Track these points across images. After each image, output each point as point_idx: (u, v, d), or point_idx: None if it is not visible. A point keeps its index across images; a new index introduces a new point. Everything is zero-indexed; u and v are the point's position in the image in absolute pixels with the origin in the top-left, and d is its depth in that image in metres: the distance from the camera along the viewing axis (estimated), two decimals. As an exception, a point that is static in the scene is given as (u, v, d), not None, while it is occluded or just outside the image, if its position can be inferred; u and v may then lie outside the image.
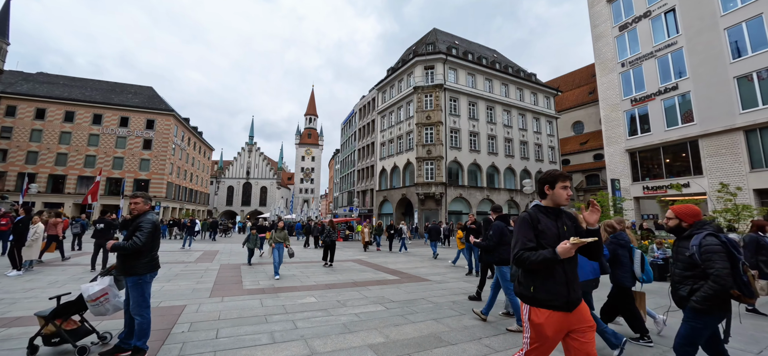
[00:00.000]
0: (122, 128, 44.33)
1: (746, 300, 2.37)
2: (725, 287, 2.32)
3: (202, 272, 8.51)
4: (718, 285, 2.33)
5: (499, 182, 32.87)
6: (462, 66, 32.76)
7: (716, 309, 2.41)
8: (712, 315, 2.43)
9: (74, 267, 8.79)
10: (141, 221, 3.33)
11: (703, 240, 2.45)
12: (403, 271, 9.45)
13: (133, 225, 3.32)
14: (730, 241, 2.42)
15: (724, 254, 2.36)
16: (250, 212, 69.70)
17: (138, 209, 3.42)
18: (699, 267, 2.44)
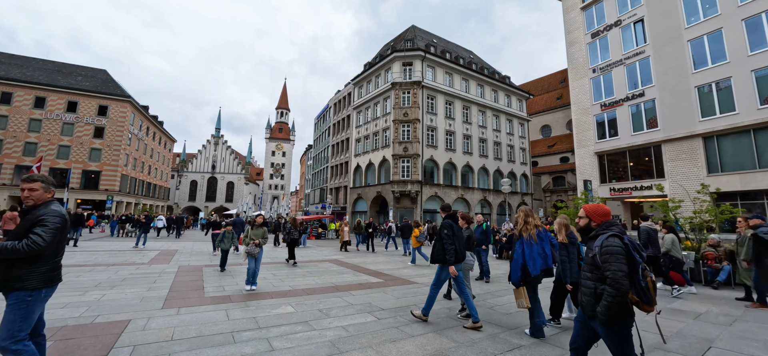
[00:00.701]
0: (70, 113, 40.10)
1: (644, 307, 2.22)
2: (620, 290, 2.18)
3: (155, 276, 7.35)
4: (613, 288, 2.20)
5: (473, 182, 33.13)
6: (440, 64, 32.63)
7: (622, 316, 2.27)
8: (621, 324, 2.29)
9: None
10: (42, 213, 2.39)
11: (606, 241, 2.34)
12: (386, 273, 8.80)
13: (30, 219, 2.37)
14: (633, 243, 2.30)
15: (623, 257, 2.24)
16: (215, 208, 66.09)
17: (35, 197, 2.46)
18: (600, 269, 2.33)
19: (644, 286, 2.20)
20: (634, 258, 2.25)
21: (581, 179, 24.13)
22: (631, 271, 2.24)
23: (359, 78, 36.92)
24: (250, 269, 6.17)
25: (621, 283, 2.18)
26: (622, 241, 2.31)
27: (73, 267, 7.96)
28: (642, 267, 2.23)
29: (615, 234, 2.35)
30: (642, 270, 2.22)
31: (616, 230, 2.39)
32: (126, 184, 43.21)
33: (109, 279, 6.75)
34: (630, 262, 2.25)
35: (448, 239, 4.37)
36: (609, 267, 2.24)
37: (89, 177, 39.94)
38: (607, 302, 2.22)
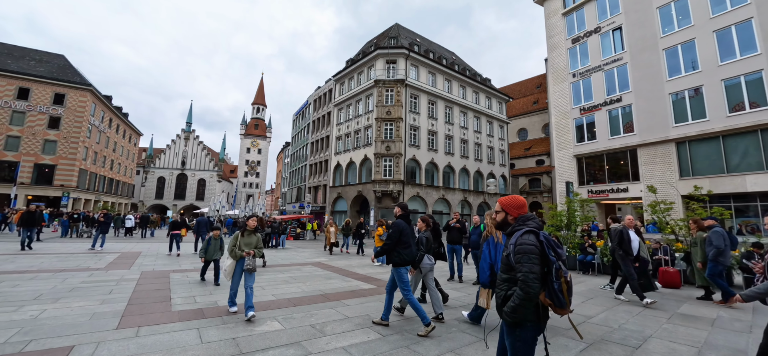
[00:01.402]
0: (20, 101, 36.52)
1: (557, 310, 2.06)
2: (530, 293, 1.99)
3: (112, 284, 6.33)
4: (522, 290, 2.00)
5: (454, 182, 33.12)
6: (423, 64, 32.36)
7: (528, 320, 2.07)
8: (525, 327, 2.09)
9: None
10: None
11: (519, 239, 2.13)
12: (376, 277, 8.18)
13: None
14: (549, 241, 2.11)
15: (536, 256, 2.04)
16: (184, 206, 62.77)
17: None
18: (514, 269, 2.11)
19: (557, 288, 2.01)
20: (549, 257, 2.05)
21: (561, 180, 24.54)
22: (545, 272, 2.06)
23: (341, 74, 36.01)
24: (233, 289, 4.75)
25: (530, 286, 1.98)
26: (538, 238, 2.10)
27: (10, 275, 6.77)
28: (556, 266, 2.02)
29: (530, 230, 2.13)
30: (556, 270, 2.02)
31: (532, 226, 2.18)
32: (84, 179, 39.91)
33: (53, 288, 5.70)
34: (544, 261, 2.06)
35: (387, 239, 4.31)
36: (521, 267, 2.04)
37: (42, 171, 36.54)
38: (514, 303, 2.03)
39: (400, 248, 4.31)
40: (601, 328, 4.56)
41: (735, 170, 17.58)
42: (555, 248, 2.10)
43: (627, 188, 21.38)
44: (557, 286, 2.02)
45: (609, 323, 4.83)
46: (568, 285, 2.06)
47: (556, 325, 4.50)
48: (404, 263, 4.29)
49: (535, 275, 2.00)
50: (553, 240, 2.13)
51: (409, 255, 4.33)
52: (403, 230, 4.36)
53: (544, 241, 2.10)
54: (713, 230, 6.22)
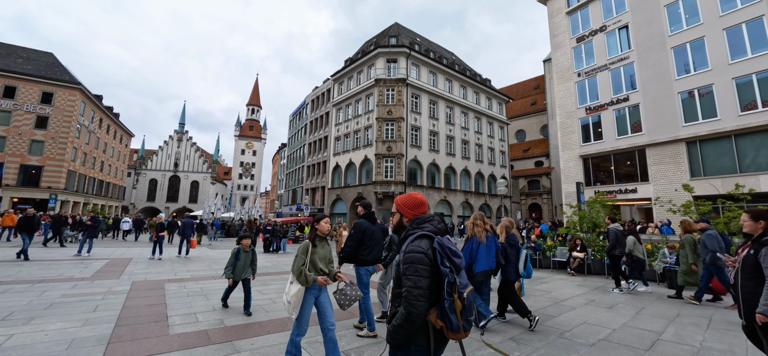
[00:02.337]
0: (6, 99, 35.10)
1: (449, 334, 1.66)
2: (412, 312, 1.63)
3: (98, 298, 5.49)
4: (404, 308, 1.65)
5: (456, 184, 32.53)
6: (424, 63, 31.77)
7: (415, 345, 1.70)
8: (409, 352, 1.72)
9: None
10: None
11: (410, 245, 1.76)
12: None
13: None
14: (445, 248, 1.72)
15: (425, 267, 1.68)
16: (176, 209, 61.33)
17: None
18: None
19: (448, 306, 1.63)
20: (441, 268, 1.67)
21: (567, 181, 24.05)
22: (437, 287, 1.69)
23: (340, 74, 35.27)
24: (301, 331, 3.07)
25: (413, 303, 1.64)
26: (432, 243, 1.74)
27: (-20, 287, 5.89)
28: (449, 279, 1.64)
29: (424, 235, 1.77)
30: (449, 284, 1.64)
31: (428, 229, 1.81)
32: (73, 181, 38.51)
33: (28, 305, 4.85)
34: (435, 274, 1.69)
35: (348, 240, 4.15)
36: (406, 280, 1.68)
37: (29, 173, 35.12)
38: (396, 322, 1.68)
39: (362, 250, 4.11)
40: (684, 349, 3.88)
41: (748, 170, 17.17)
42: (451, 257, 1.69)
43: (635, 188, 20.93)
44: (448, 304, 1.63)
45: (686, 340, 4.17)
46: (465, 304, 1.65)
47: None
48: (365, 264, 4.14)
49: (421, 291, 1.65)
50: (450, 248, 1.73)
51: (373, 258, 4.15)
52: (366, 230, 4.13)
53: (437, 248, 1.70)
54: (706, 233, 6.30)
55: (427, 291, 1.66)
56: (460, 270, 1.72)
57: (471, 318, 1.69)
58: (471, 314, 1.69)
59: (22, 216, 10.29)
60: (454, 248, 1.75)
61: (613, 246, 7.45)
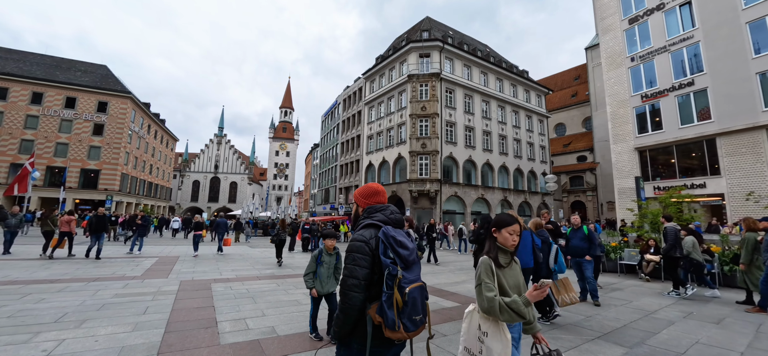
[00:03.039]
0: (68, 109, 38.34)
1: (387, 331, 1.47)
2: (346, 304, 1.53)
3: (148, 299, 5.38)
4: (340, 300, 1.57)
5: (493, 181, 31.11)
6: (458, 56, 30.66)
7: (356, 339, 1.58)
8: (350, 348, 1.60)
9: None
10: None
11: (355, 234, 1.67)
12: (452, 290, 6.85)
13: None
14: (389, 239, 1.56)
15: (365, 257, 1.56)
16: (217, 208, 64.30)
17: None
18: None
19: (385, 300, 1.48)
20: (382, 259, 1.53)
21: (621, 176, 22.07)
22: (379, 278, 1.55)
23: (371, 72, 34.99)
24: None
25: (348, 294, 1.53)
26: (377, 233, 1.61)
27: (39, 285, 6.02)
28: (391, 272, 1.49)
29: (371, 224, 1.66)
30: (390, 278, 1.49)
31: (377, 218, 1.68)
32: (126, 183, 41.38)
33: (81, 305, 4.79)
34: (374, 265, 1.56)
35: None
36: (344, 269, 1.58)
37: (88, 176, 38.14)
38: (337, 318, 1.59)
39: None
40: None
41: None
42: (396, 248, 1.55)
43: (704, 183, 18.70)
44: (386, 297, 1.49)
45: None
46: (404, 300, 1.49)
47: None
48: None
49: (356, 281, 1.54)
50: (397, 238, 1.58)
51: None
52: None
53: (382, 238, 1.59)
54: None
55: (363, 281, 1.57)
56: (410, 265, 1.60)
57: (417, 318, 1.55)
58: (417, 313, 1.55)
59: (93, 215, 10.34)
60: (403, 240, 1.61)
61: (672, 247, 6.83)
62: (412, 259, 1.62)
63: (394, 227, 1.68)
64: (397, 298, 1.50)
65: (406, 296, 1.51)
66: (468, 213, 27.96)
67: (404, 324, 1.50)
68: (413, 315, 1.53)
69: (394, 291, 1.50)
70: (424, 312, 1.60)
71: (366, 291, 1.57)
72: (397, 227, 1.71)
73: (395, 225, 1.70)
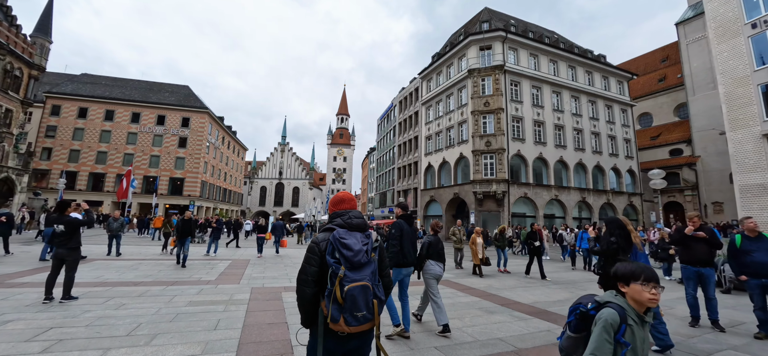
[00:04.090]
0: (159, 126, 43.66)
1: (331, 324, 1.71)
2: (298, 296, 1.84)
3: (220, 309, 5.06)
4: (296, 293, 1.87)
5: (568, 180, 27.84)
6: (523, 45, 28.16)
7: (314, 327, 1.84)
8: (312, 334, 1.85)
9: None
10: None
11: (313, 238, 1.97)
12: (550, 308, 5.57)
13: None
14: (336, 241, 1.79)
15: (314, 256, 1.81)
16: (282, 212, 68.23)
17: None
18: None
19: (327, 294, 1.73)
20: (327, 259, 1.77)
21: (742, 170, 17.96)
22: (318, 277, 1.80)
23: (427, 70, 33.92)
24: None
25: (298, 287, 1.83)
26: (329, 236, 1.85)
27: (123, 288, 6.13)
28: (333, 270, 1.73)
29: (329, 227, 1.91)
30: (332, 275, 1.73)
31: (335, 222, 1.93)
32: (205, 190, 45.74)
33: (156, 314, 4.58)
34: (322, 265, 1.80)
35: (392, 240, 4.15)
36: (301, 266, 1.85)
37: (175, 184, 42.88)
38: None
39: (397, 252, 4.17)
40: None
41: None
42: (341, 250, 1.75)
43: None
44: (327, 293, 1.74)
45: None
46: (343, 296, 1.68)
47: None
48: (398, 266, 4.15)
49: (306, 277, 1.80)
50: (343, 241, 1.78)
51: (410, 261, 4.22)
52: (404, 231, 4.20)
53: (331, 240, 1.80)
54: None
55: (311, 278, 1.79)
56: (355, 266, 1.74)
57: (359, 314, 1.70)
58: (359, 309, 1.70)
59: (180, 219, 9.76)
60: (349, 242, 1.78)
61: None
62: (358, 260, 1.76)
63: (350, 231, 1.86)
64: (337, 294, 1.69)
65: (345, 293, 1.69)
66: (540, 216, 25.31)
67: (346, 318, 1.69)
68: (354, 311, 1.69)
69: (335, 287, 1.70)
70: (369, 310, 1.73)
71: (316, 286, 1.78)
72: (354, 230, 1.87)
73: (352, 229, 1.87)
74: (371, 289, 1.76)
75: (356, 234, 1.86)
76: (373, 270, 1.82)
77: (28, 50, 30.79)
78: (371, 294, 1.75)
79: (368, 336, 1.83)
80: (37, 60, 31.61)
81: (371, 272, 1.79)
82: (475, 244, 9.02)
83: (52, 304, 4.82)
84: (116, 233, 10.74)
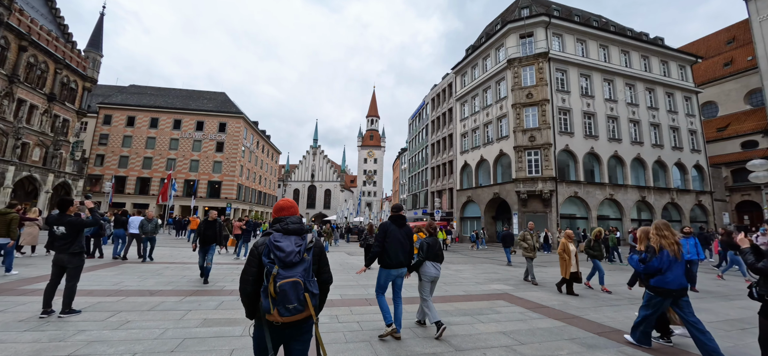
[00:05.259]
0: (198, 131, 45.35)
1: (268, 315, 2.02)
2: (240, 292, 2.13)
3: (236, 335, 4.06)
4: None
5: (624, 177, 24.96)
6: (569, 30, 25.73)
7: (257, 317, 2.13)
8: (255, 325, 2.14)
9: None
10: None
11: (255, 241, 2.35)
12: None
13: None
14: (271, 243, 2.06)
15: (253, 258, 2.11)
16: (314, 214, 68.82)
17: None
18: None
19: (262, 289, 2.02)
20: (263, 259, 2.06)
21: None
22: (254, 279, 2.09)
23: (461, 65, 32.21)
24: None
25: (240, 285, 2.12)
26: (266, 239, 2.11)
27: (136, 299, 5.42)
28: (267, 269, 2.01)
29: (268, 232, 2.17)
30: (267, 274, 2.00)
31: (275, 227, 2.19)
32: (241, 192, 46.87)
33: (160, 338, 3.71)
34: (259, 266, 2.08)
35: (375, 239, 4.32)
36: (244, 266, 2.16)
37: (213, 187, 44.26)
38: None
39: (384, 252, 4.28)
40: None
41: None
42: (275, 252, 2.02)
43: None
44: (262, 288, 2.00)
45: None
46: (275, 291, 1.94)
47: None
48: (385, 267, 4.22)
49: (247, 276, 2.08)
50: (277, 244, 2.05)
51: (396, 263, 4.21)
52: (387, 231, 4.24)
53: (268, 242, 2.07)
54: None
55: (251, 277, 2.07)
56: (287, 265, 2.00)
57: (290, 306, 1.94)
58: (290, 302, 1.94)
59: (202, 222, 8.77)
60: (282, 245, 2.03)
61: None
62: (290, 260, 2.02)
63: (285, 235, 2.12)
64: (271, 289, 1.95)
65: (278, 288, 1.94)
66: (593, 218, 22.81)
67: (279, 310, 1.95)
68: (286, 303, 1.94)
69: (269, 284, 1.96)
70: (300, 302, 1.97)
71: (256, 284, 2.07)
72: (290, 234, 2.13)
73: (288, 233, 2.13)
74: (302, 284, 2.00)
75: (292, 237, 2.11)
76: (306, 268, 2.06)
77: (82, 64, 32.91)
78: (302, 289, 1.99)
79: (304, 325, 2.09)
80: (89, 73, 33.73)
81: (303, 269, 2.04)
82: (567, 253, 6.96)
83: (50, 319, 4.14)
84: (151, 236, 9.82)
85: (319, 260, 2.20)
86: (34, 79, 27.60)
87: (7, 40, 24.88)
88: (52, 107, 29.41)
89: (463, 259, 14.63)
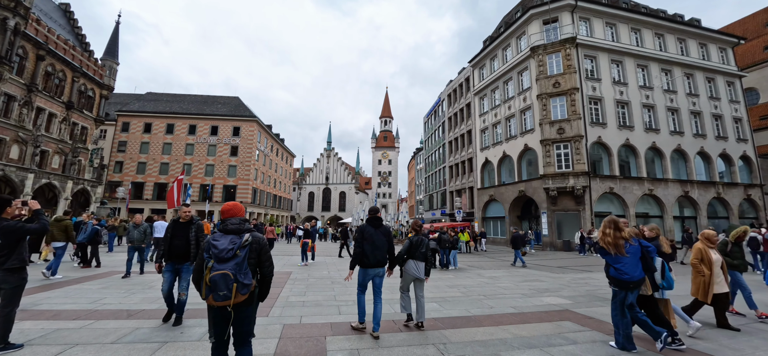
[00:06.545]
0: (212, 136, 45.32)
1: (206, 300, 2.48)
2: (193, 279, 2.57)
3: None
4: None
5: (664, 171, 22.84)
6: (597, 13, 23.84)
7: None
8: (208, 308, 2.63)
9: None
10: None
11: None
12: None
13: None
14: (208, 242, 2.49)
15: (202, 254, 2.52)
16: (330, 217, 68.16)
17: None
18: None
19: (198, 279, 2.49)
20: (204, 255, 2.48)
21: None
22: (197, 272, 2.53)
23: (479, 57, 30.64)
24: None
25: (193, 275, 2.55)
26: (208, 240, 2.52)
27: (101, 324, 4.43)
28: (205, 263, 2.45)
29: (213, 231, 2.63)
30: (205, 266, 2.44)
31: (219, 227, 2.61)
32: (256, 196, 46.52)
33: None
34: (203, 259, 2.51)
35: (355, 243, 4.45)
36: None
37: (228, 191, 44.05)
38: None
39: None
40: None
41: None
42: (210, 249, 2.44)
43: None
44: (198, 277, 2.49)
45: None
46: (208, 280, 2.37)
47: None
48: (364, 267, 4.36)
49: (198, 267, 2.50)
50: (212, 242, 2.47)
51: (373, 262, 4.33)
52: (364, 233, 4.39)
53: (207, 240, 2.50)
54: None
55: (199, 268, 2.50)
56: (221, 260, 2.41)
57: (220, 293, 2.35)
58: (220, 290, 2.35)
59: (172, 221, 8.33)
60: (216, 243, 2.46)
61: None
62: (222, 256, 2.41)
63: (224, 234, 2.54)
64: (206, 279, 2.38)
65: (210, 279, 2.37)
66: (631, 215, 20.85)
67: (213, 296, 2.37)
68: (217, 291, 2.35)
69: (205, 273, 2.40)
70: (229, 290, 2.35)
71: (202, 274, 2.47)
72: (229, 234, 2.55)
73: (227, 232, 2.56)
74: (232, 276, 2.37)
75: (229, 236, 2.53)
76: (237, 263, 2.41)
77: (99, 72, 33.11)
78: (231, 280, 2.36)
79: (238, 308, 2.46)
80: (106, 80, 33.93)
81: (235, 264, 2.40)
82: (706, 265, 4.93)
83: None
84: (138, 246, 8.23)
85: (259, 256, 2.57)
86: (53, 88, 27.77)
87: (25, 49, 25.04)
88: (71, 114, 29.59)
89: (491, 262, 13.22)
